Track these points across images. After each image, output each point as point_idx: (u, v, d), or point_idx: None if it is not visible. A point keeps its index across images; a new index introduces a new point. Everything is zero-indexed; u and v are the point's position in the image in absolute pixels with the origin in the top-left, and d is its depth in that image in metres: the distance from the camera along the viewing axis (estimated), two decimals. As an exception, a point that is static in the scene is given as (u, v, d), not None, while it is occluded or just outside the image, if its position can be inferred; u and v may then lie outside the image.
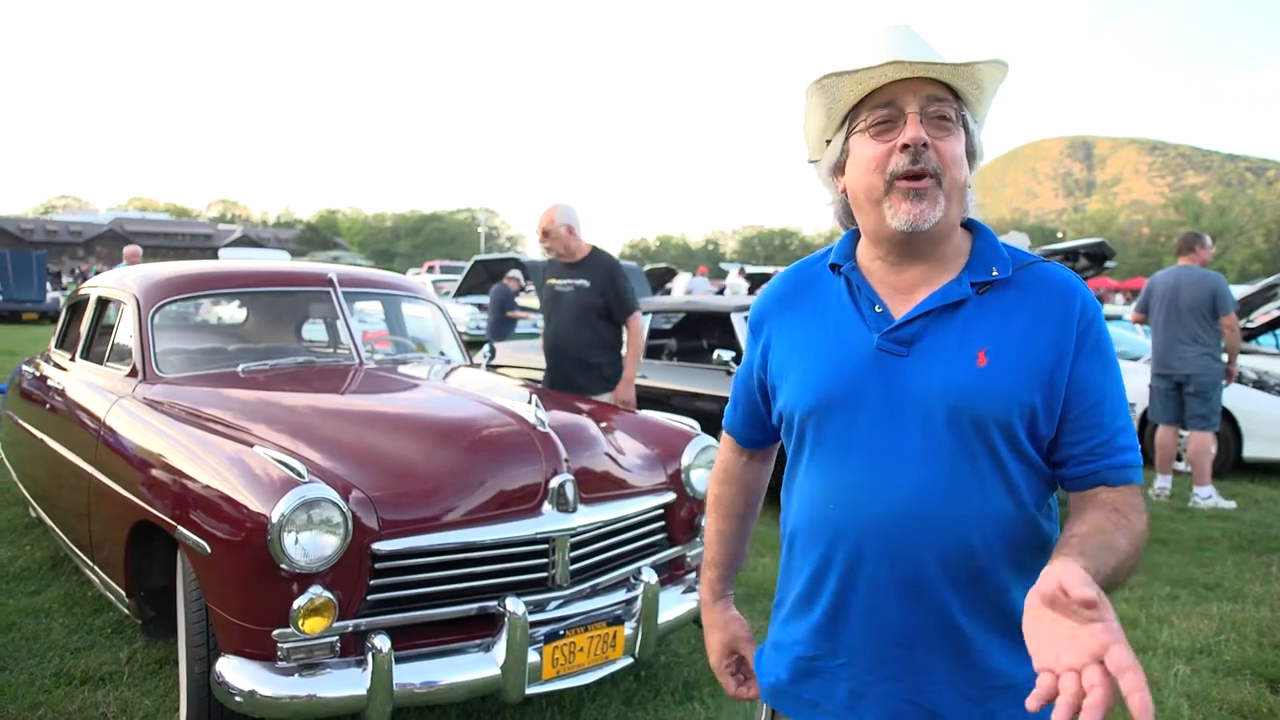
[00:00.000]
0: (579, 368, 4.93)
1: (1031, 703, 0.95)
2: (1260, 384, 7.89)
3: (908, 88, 1.28)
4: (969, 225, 1.39)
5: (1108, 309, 21.56)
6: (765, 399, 1.50)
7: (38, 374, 4.86)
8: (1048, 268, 1.33)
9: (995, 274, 1.31)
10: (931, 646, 1.27)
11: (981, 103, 1.34)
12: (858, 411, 1.31)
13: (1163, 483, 6.94)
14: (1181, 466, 7.54)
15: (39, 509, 4.57)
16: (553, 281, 5.06)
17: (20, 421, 4.76)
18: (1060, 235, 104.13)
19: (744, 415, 1.59)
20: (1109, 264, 6.39)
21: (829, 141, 1.38)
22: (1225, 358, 6.69)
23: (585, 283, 4.91)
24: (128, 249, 10.88)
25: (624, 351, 5.07)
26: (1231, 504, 6.65)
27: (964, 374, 1.26)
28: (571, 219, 4.96)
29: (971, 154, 1.32)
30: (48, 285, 27.06)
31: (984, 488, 1.26)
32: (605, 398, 4.79)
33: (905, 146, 1.26)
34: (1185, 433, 7.61)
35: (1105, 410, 1.28)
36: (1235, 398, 7.32)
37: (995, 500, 1.26)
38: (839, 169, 1.37)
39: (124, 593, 3.33)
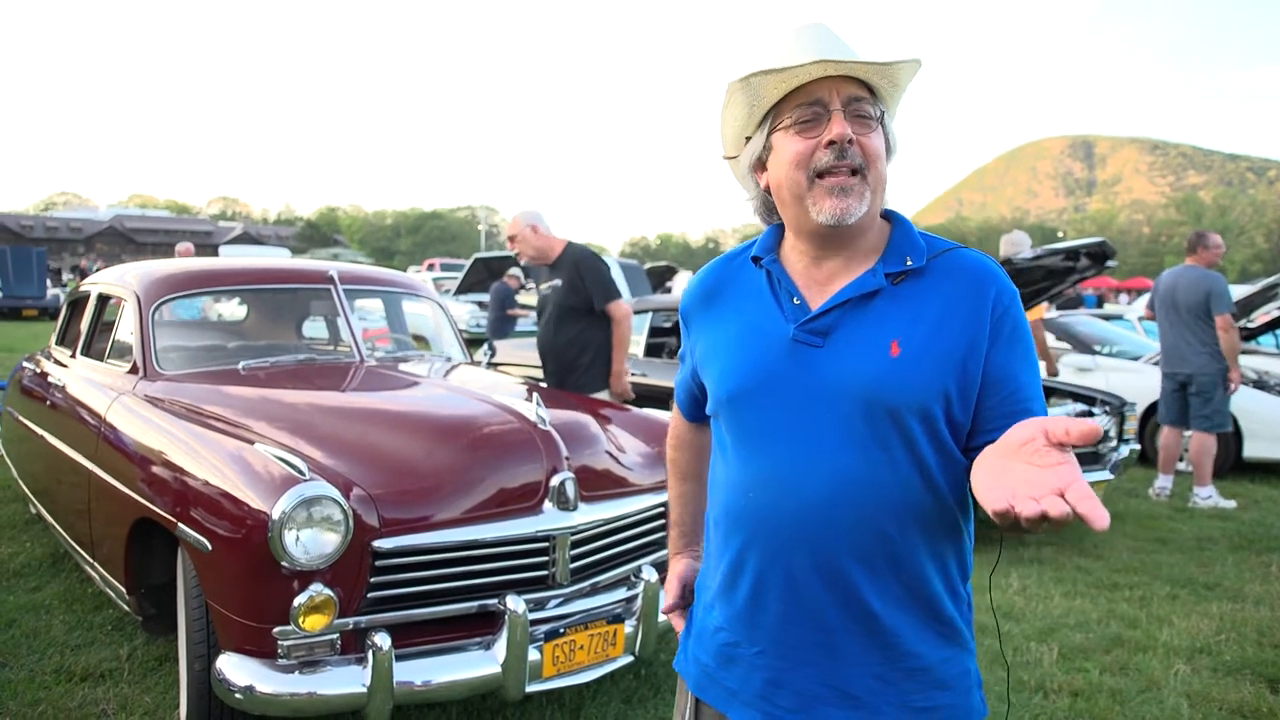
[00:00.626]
0: (566, 370, 4.81)
1: (998, 502, 0.98)
2: (1260, 384, 7.89)
3: (831, 85, 1.31)
4: (887, 216, 1.42)
5: (1109, 308, 21.56)
6: (699, 385, 1.55)
7: (38, 370, 4.86)
8: (963, 254, 1.35)
9: (910, 263, 1.33)
10: (847, 631, 1.30)
11: (895, 99, 1.38)
12: (774, 401, 1.33)
13: (1163, 482, 6.94)
14: (1182, 466, 7.54)
15: (39, 505, 4.57)
16: (542, 285, 5.02)
17: (21, 418, 4.76)
18: (1061, 235, 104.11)
19: (685, 395, 1.66)
20: (1110, 263, 6.38)
21: (749, 139, 1.41)
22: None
23: (559, 282, 4.81)
24: (180, 246, 10.40)
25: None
26: (1232, 504, 6.65)
27: (877, 364, 1.28)
28: (534, 219, 4.85)
29: (888, 149, 1.36)
30: (48, 282, 27.05)
31: (899, 477, 1.28)
32: (605, 395, 4.75)
33: (831, 143, 1.29)
34: (1190, 433, 7.63)
35: (1025, 396, 1.29)
36: (1235, 397, 7.34)
37: (911, 489, 1.28)
38: (760, 165, 1.40)
39: (124, 590, 3.33)
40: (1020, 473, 1.02)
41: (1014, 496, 0.98)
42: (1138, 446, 6.54)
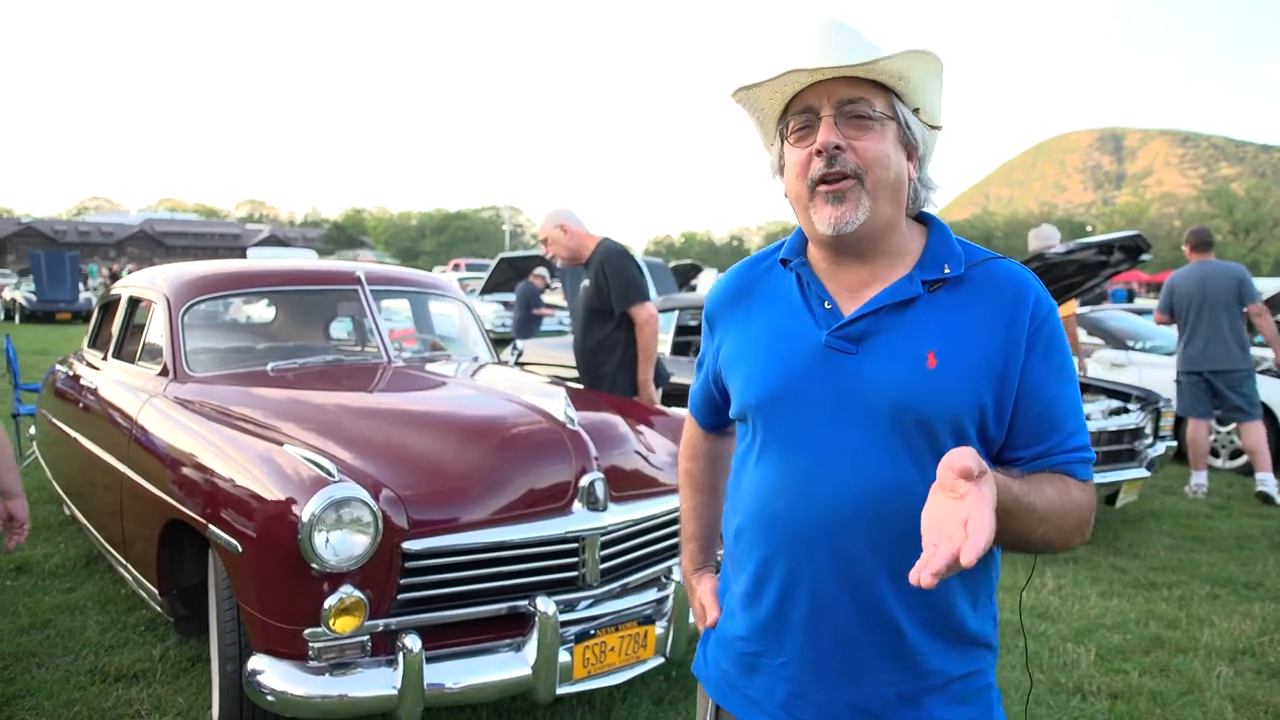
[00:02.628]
0: (593, 376, 4.55)
1: (912, 575, 1.00)
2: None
3: (821, 91, 1.28)
4: (924, 220, 1.38)
5: (1138, 303, 21.22)
6: (720, 390, 1.52)
7: (70, 373, 4.91)
8: (1001, 265, 1.32)
9: (947, 271, 1.30)
10: (870, 646, 1.28)
11: (915, 92, 1.30)
12: (805, 408, 1.31)
13: (1199, 479, 6.81)
14: (1218, 463, 7.44)
15: (73, 507, 4.61)
16: (582, 284, 4.73)
17: (54, 420, 4.81)
18: (1089, 229, 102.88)
19: (702, 402, 1.62)
20: (1145, 257, 6.27)
21: (772, 145, 1.39)
22: (1257, 349, 6.61)
23: (588, 282, 4.55)
24: (363, 254, 10.52)
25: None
26: None
27: (912, 375, 1.25)
28: (562, 218, 4.60)
29: (911, 145, 1.31)
30: (80, 285, 27.42)
31: (928, 487, 1.23)
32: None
33: (819, 152, 1.26)
34: (1221, 428, 7.51)
35: (1058, 413, 1.27)
36: (1268, 390, 7.21)
37: None
38: (780, 171, 1.38)
39: (156, 591, 3.35)
40: (943, 508, 1.04)
41: (938, 535, 1.02)
42: (1174, 443, 6.42)
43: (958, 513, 1.02)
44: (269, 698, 2.51)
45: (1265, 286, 9.74)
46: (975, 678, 1.33)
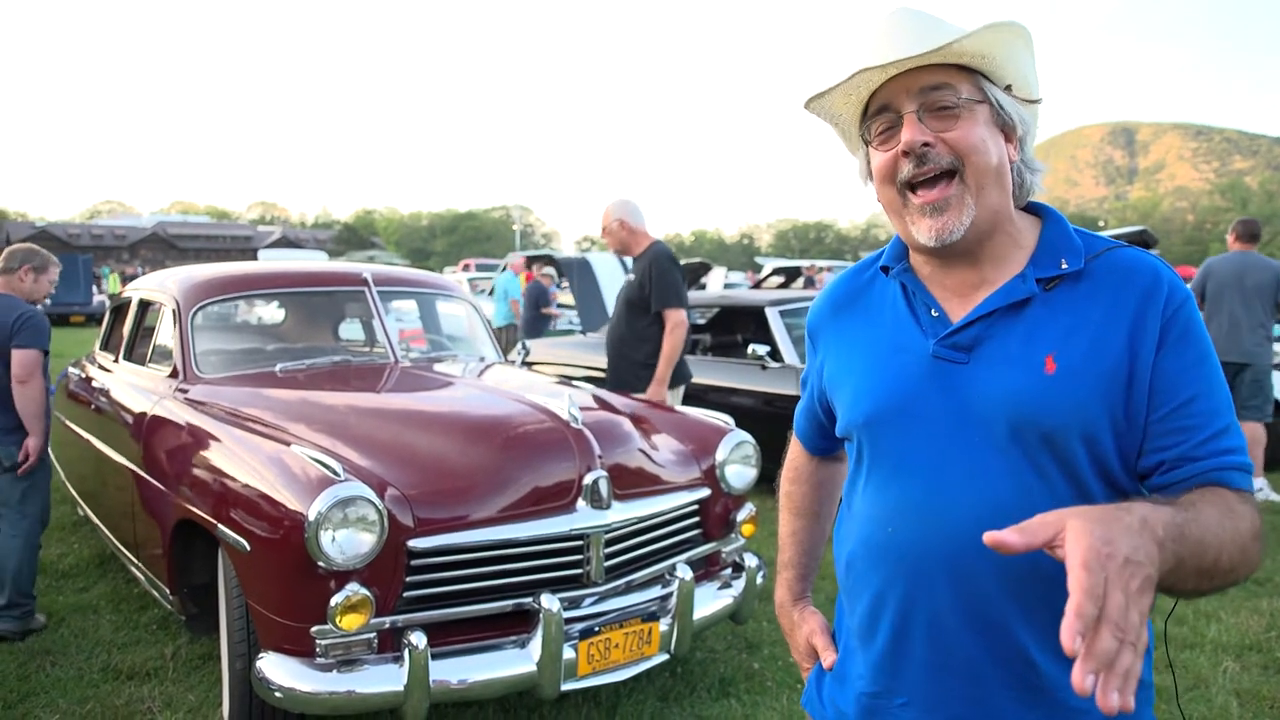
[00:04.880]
0: (623, 364, 4.84)
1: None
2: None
3: (898, 86, 1.17)
4: (1037, 210, 1.27)
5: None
6: (826, 410, 1.43)
7: (83, 375, 4.96)
8: (1126, 253, 1.19)
9: (1065, 266, 1.18)
10: (1000, 681, 1.16)
11: (1002, 68, 1.18)
12: (915, 424, 1.21)
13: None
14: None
15: (86, 507, 4.67)
16: (626, 278, 5.03)
17: (67, 422, 4.86)
18: (1102, 224, 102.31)
19: (807, 423, 1.52)
20: (1152, 251, 6.25)
21: (857, 151, 1.30)
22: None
23: (633, 276, 4.86)
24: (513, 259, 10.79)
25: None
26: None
27: (1030, 382, 1.14)
28: (624, 213, 4.88)
29: (1008, 126, 1.20)
30: (94, 288, 27.61)
31: (1059, 505, 1.07)
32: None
33: (905, 153, 1.17)
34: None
35: (1199, 409, 1.12)
36: None
37: None
38: (870, 178, 1.28)
39: (168, 590, 3.39)
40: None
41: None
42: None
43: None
44: (277, 694, 2.55)
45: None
46: (1127, 717, 1.13)
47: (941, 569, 1.17)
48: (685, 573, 3.07)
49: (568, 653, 2.76)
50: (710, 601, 3.22)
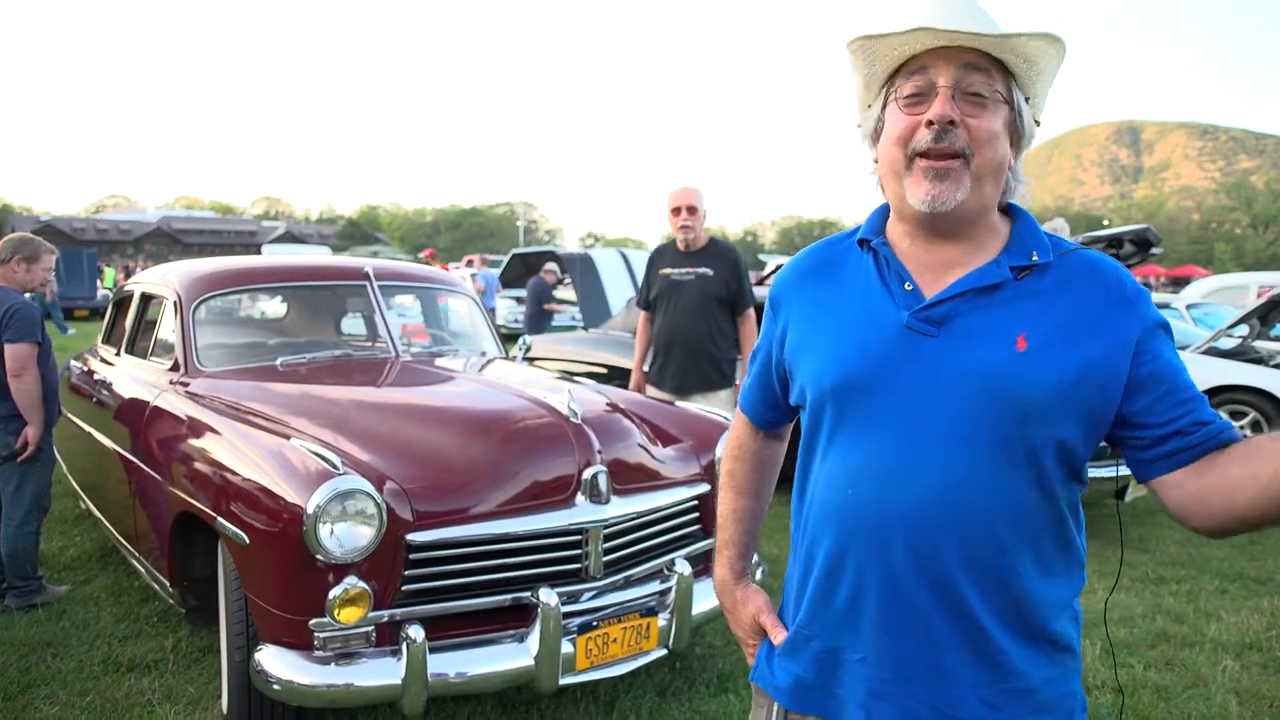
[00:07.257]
0: (701, 359, 4.70)
1: None
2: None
3: (944, 57, 1.21)
4: (1008, 210, 1.32)
5: (1157, 298, 21.11)
6: (781, 380, 1.45)
7: (85, 369, 4.98)
8: (1090, 254, 1.27)
9: (1035, 258, 1.24)
10: (950, 643, 1.21)
11: (1035, 80, 1.25)
12: (882, 392, 1.24)
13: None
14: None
15: (88, 500, 4.68)
16: (668, 271, 4.80)
17: (69, 415, 4.87)
18: (1106, 222, 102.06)
19: (758, 395, 1.53)
20: (1155, 250, 6.24)
21: (870, 106, 1.32)
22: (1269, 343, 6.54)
23: (709, 271, 4.70)
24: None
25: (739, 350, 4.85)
26: None
27: (1001, 357, 1.19)
28: (704, 203, 4.83)
29: (1017, 133, 1.25)
30: (98, 282, 27.65)
31: (1016, 480, 1.19)
32: (724, 395, 4.65)
33: (930, 123, 1.20)
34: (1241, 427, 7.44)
35: (1189, 384, 1.21)
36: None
37: (1030, 494, 1.20)
38: (875, 137, 1.31)
39: (168, 583, 3.40)
40: None
41: None
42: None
43: None
44: (275, 687, 2.56)
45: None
46: (1058, 683, 1.25)
47: (899, 532, 1.21)
48: (684, 568, 3.08)
49: (566, 647, 2.76)
50: (709, 597, 3.21)
